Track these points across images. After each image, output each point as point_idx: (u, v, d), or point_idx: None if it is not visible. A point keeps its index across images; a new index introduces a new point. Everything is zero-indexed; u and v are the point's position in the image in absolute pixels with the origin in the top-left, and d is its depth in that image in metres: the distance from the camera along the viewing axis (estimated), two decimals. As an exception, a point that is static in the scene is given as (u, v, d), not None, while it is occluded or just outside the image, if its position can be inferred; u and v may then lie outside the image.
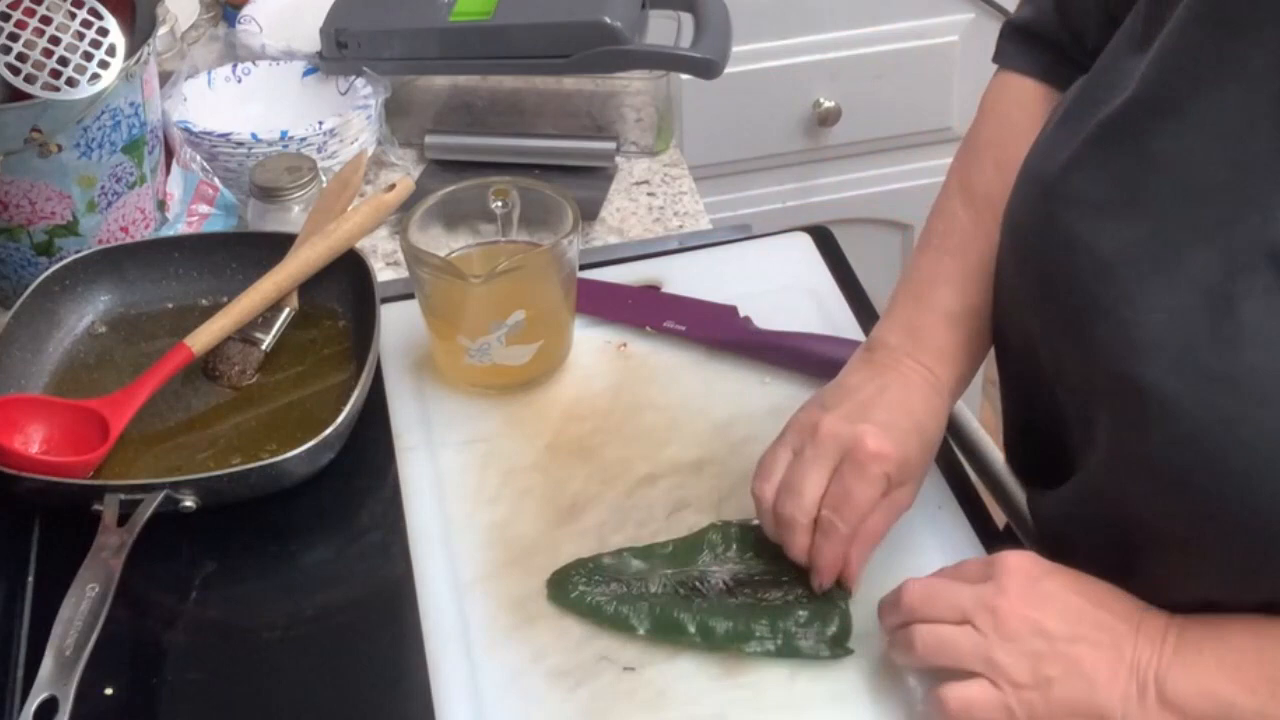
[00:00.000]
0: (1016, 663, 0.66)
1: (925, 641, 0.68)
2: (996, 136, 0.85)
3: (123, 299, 0.99)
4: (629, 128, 1.24)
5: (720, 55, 1.15)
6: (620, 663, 0.76)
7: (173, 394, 0.91)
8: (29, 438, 0.85)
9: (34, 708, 0.67)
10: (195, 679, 0.77)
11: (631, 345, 0.98)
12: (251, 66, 1.23)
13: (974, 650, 0.67)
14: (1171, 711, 0.64)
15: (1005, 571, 0.68)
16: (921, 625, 0.69)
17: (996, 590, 0.68)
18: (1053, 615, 0.67)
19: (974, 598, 0.68)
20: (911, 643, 0.69)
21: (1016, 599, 0.67)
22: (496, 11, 1.16)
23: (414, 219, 0.90)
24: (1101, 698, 0.65)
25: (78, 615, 0.72)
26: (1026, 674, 0.66)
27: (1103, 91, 0.71)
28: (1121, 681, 0.65)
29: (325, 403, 0.90)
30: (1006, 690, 0.66)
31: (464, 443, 0.90)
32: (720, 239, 1.09)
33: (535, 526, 0.84)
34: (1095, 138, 0.69)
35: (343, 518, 0.87)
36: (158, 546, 0.80)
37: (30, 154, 0.95)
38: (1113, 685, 0.65)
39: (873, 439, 0.73)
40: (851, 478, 0.73)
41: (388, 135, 1.19)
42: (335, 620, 0.80)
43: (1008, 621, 0.66)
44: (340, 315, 0.98)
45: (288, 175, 1.03)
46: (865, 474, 0.73)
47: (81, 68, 0.94)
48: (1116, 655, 0.66)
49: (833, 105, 1.70)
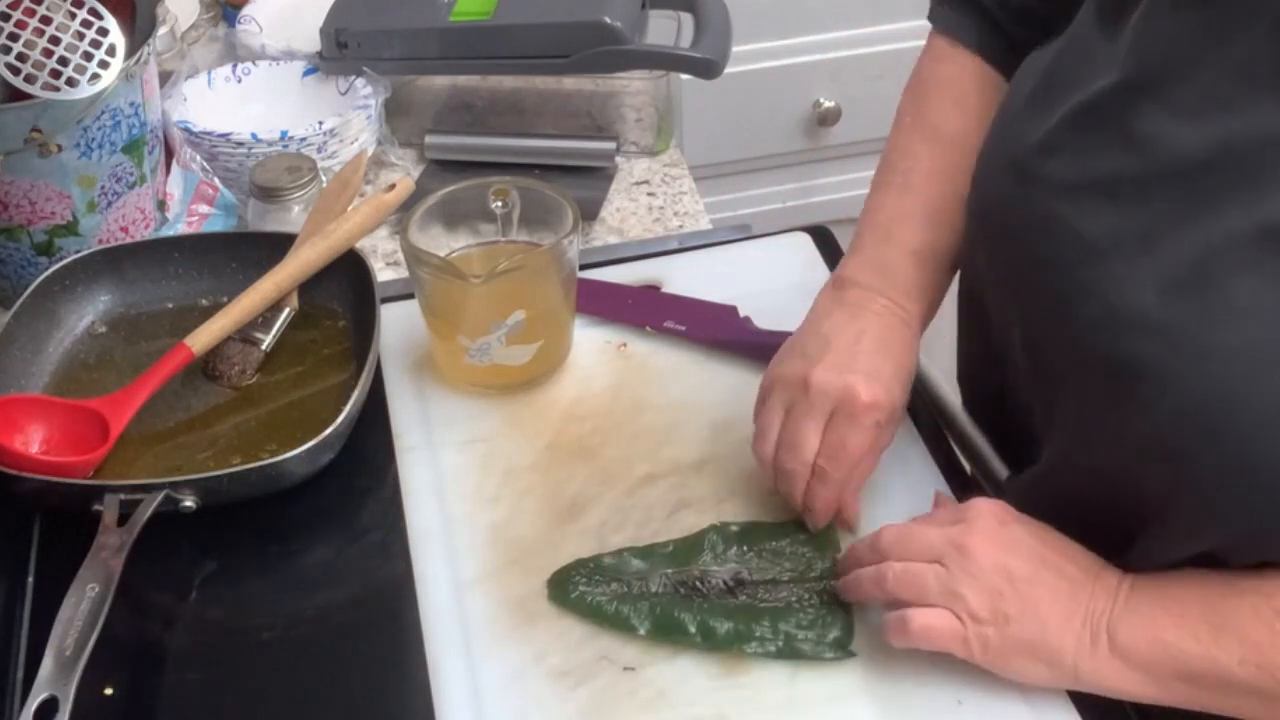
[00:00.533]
0: (978, 598, 0.69)
1: (896, 575, 0.72)
2: (950, 75, 0.86)
3: (123, 299, 0.99)
4: (629, 128, 1.24)
5: (720, 55, 1.15)
6: (620, 663, 0.76)
7: (173, 394, 0.91)
8: (29, 438, 0.85)
9: (34, 708, 0.67)
10: (195, 679, 0.77)
11: (631, 345, 0.98)
12: (251, 66, 1.23)
13: (939, 584, 0.70)
14: (1122, 659, 0.68)
15: (976, 515, 0.72)
16: (895, 562, 0.72)
17: (966, 530, 0.71)
18: (1017, 557, 0.70)
19: (944, 537, 0.71)
20: (884, 577, 0.72)
21: (984, 539, 0.71)
22: (496, 11, 1.16)
23: (414, 219, 0.90)
24: (1054, 639, 0.69)
25: (78, 615, 0.72)
26: (986, 609, 0.69)
27: (1072, 73, 0.71)
28: (1075, 627, 0.69)
29: (325, 403, 0.90)
30: (966, 622, 0.69)
31: (464, 443, 0.90)
32: (720, 239, 1.09)
33: (535, 526, 0.84)
34: (1073, 120, 0.70)
35: (343, 518, 0.87)
36: (158, 546, 0.80)
37: (30, 154, 0.95)
38: (1066, 629, 0.69)
39: (864, 389, 0.75)
40: (846, 428, 0.76)
41: (388, 135, 1.19)
42: (335, 620, 0.80)
43: (974, 559, 0.70)
44: (340, 315, 0.98)
45: (288, 175, 1.03)
46: (859, 424, 0.76)
47: (81, 68, 0.94)
48: (1073, 601, 0.69)
49: (833, 105, 1.70)
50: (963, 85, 0.85)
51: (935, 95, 0.86)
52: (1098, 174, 0.68)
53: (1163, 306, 0.64)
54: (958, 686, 0.73)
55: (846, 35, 1.67)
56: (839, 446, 0.76)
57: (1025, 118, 0.73)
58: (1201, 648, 0.66)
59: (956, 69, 0.86)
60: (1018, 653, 0.70)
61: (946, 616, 0.70)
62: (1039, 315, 0.72)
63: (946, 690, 0.73)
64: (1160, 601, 0.68)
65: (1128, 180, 0.67)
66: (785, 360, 0.80)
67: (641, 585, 0.79)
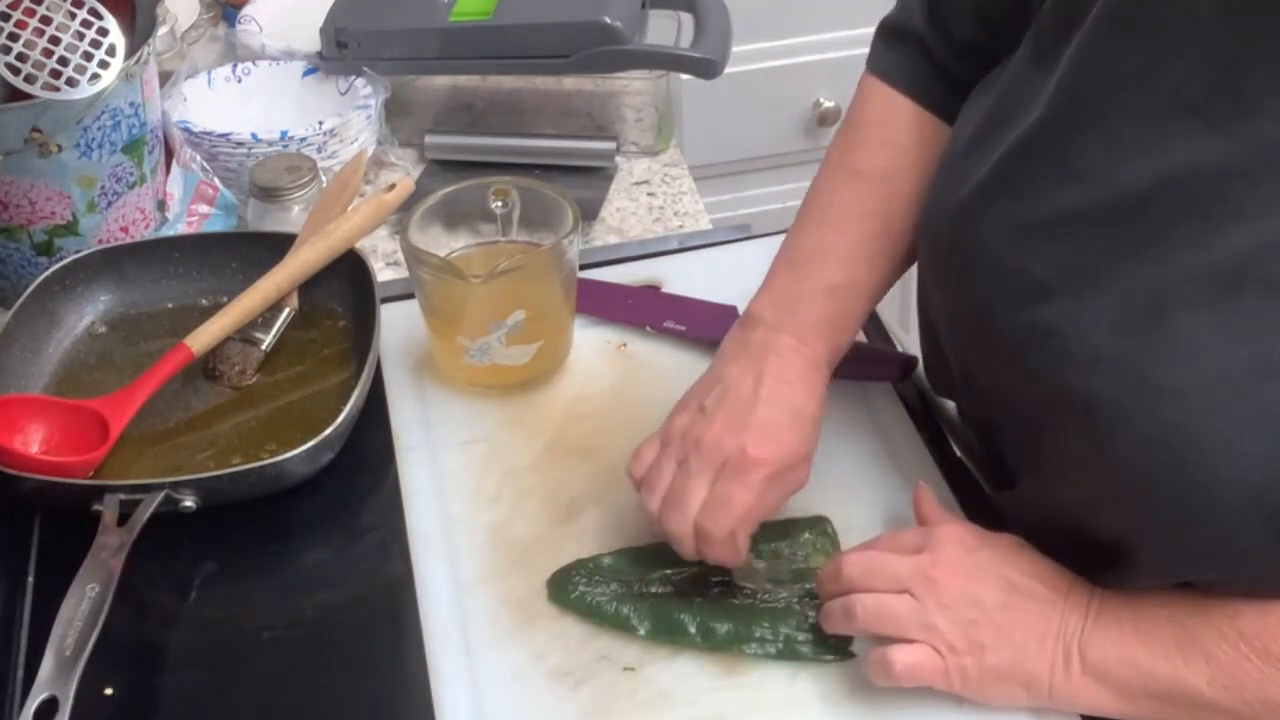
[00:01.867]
0: (952, 629, 0.69)
1: (867, 609, 0.71)
2: (880, 116, 0.85)
3: (123, 299, 0.99)
4: (629, 128, 1.24)
5: (720, 55, 1.15)
6: (620, 663, 0.76)
7: (173, 394, 0.91)
8: (29, 438, 0.85)
9: (34, 708, 0.67)
10: (195, 679, 0.77)
11: (631, 345, 0.98)
12: (251, 66, 1.23)
13: (913, 617, 0.70)
14: (1094, 678, 0.68)
15: (941, 543, 0.72)
16: (864, 594, 0.72)
17: (933, 561, 0.71)
18: (986, 585, 0.70)
19: (912, 568, 0.71)
20: (853, 611, 0.71)
21: (952, 569, 0.70)
22: (496, 11, 1.16)
23: (414, 219, 0.90)
24: (1029, 664, 0.69)
25: (78, 615, 0.72)
26: (961, 640, 0.69)
27: (1013, 109, 0.71)
28: (1050, 648, 0.69)
29: (325, 403, 0.90)
30: (945, 655, 0.69)
31: (464, 443, 0.90)
32: (720, 239, 1.09)
33: (535, 526, 0.84)
34: (1013, 158, 0.69)
35: (343, 518, 0.87)
36: (158, 546, 0.80)
37: (30, 154, 0.95)
38: (1041, 652, 0.69)
39: (754, 447, 0.74)
40: (732, 485, 0.74)
41: (388, 135, 1.19)
42: (335, 620, 0.80)
43: (944, 590, 0.70)
44: (340, 315, 0.98)
45: (288, 175, 1.03)
46: (745, 481, 0.74)
47: (81, 68, 0.94)
48: (1045, 623, 0.69)
49: (833, 105, 1.70)
50: (892, 126, 0.84)
51: (862, 135, 0.85)
52: (1041, 212, 0.67)
53: (1114, 344, 0.63)
54: (958, 686, 0.72)
55: (846, 35, 1.67)
56: (722, 503, 0.74)
57: (967, 158, 0.73)
58: (1170, 667, 0.66)
59: (887, 110, 0.85)
60: (995, 680, 0.69)
61: (926, 651, 0.69)
62: (994, 357, 0.72)
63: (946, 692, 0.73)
64: (1130, 620, 0.68)
65: (1071, 216, 0.66)
66: (682, 413, 0.78)
67: (641, 585, 0.79)
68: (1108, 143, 0.65)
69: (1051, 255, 0.67)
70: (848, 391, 0.92)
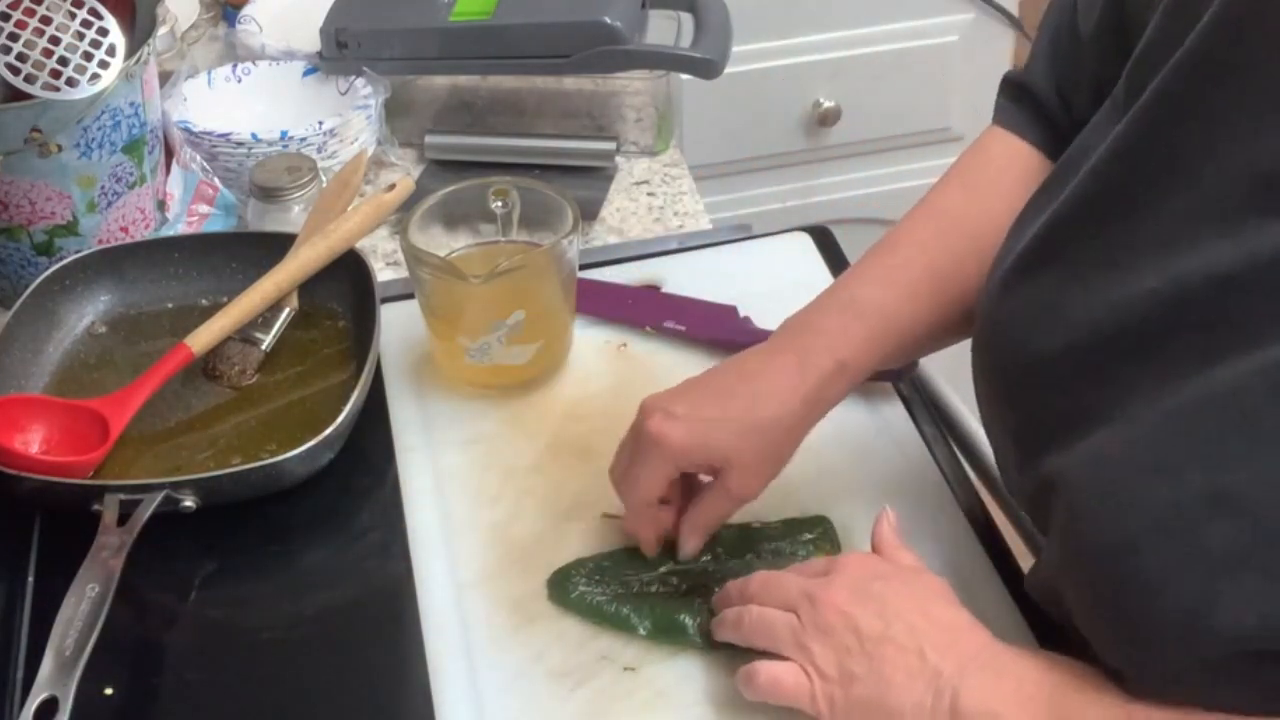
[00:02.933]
0: (825, 654, 0.68)
1: (750, 620, 0.71)
2: (971, 163, 0.83)
3: (123, 299, 0.99)
4: (629, 128, 1.24)
5: (720, 55, 1.15)
6: (620, 663, 0.76)
7: (173, 394, 0.91)
8: (29, 438, 0.85)
9: (34, 708, 0.67)
10: (195, 679, 0.77)
11: (631, 345, 0.98)
12: (251, 66, 1.23)
13: (789, 635, 0.69)
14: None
15: (840, 568, 0.71)
16: (754, 606, 0.72)
17: (825, 584, 0.70)
18: (869, 615, 0.68)
19: (802, 588, 0.70)
20: (740, 620, 0.72)
21: (838, 594, 0.69)
22: (496, 11, 1.16)
23: (414, 219, 0.90)
24: (893, 702, 0.66)
25: (78, 615, 0.72)
26: (833, 667, 0.67)
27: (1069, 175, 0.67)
28: (918, 689, 0.65)
29: (325, 403, 0.90)
30: (814, 678, 0.68)
31: (464, 443, 0.90)
32: (720, 239, 1.09)
33: (535, 526, 0.84)
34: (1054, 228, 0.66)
35: (343, 518, 0.87)
36: (158, 546, 0.80)
37: (30, 154, 0.95)
38: (908, 690, 0.65)
39: (654, 424, 0.75)
40: (635, 460, 0.76)
41: (388, 135, 1.19)
42: (335, 620, 0.80)
43: (825, 614, 0.68)
44: (340, 315, 0.98)
45: (288, 175, 1.03)
46: (645, 458, 0.75)
47: (81, 68, 0.94)
48: (920, 661, 0.66)
49: (833, 105, 1.70)
50: (997, 167, 0.80)
51: (956, 176, 0.83)
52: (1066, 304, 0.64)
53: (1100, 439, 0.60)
54: (957, 686, 0.72)
55: (846, 35, 1.67)
56: (630, 477, 0.77)
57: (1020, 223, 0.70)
58: None
59: (1005, 151, 0.81)
60: (861, 713, 0.66)
61: (794, 671, 0.68)
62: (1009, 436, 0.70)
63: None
64: (1013, 676, 0.65)
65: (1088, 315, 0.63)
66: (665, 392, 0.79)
67: (641, 585, 0.79)
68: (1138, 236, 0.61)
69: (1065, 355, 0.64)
70: (848, 391, 0.92)
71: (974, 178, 0.82)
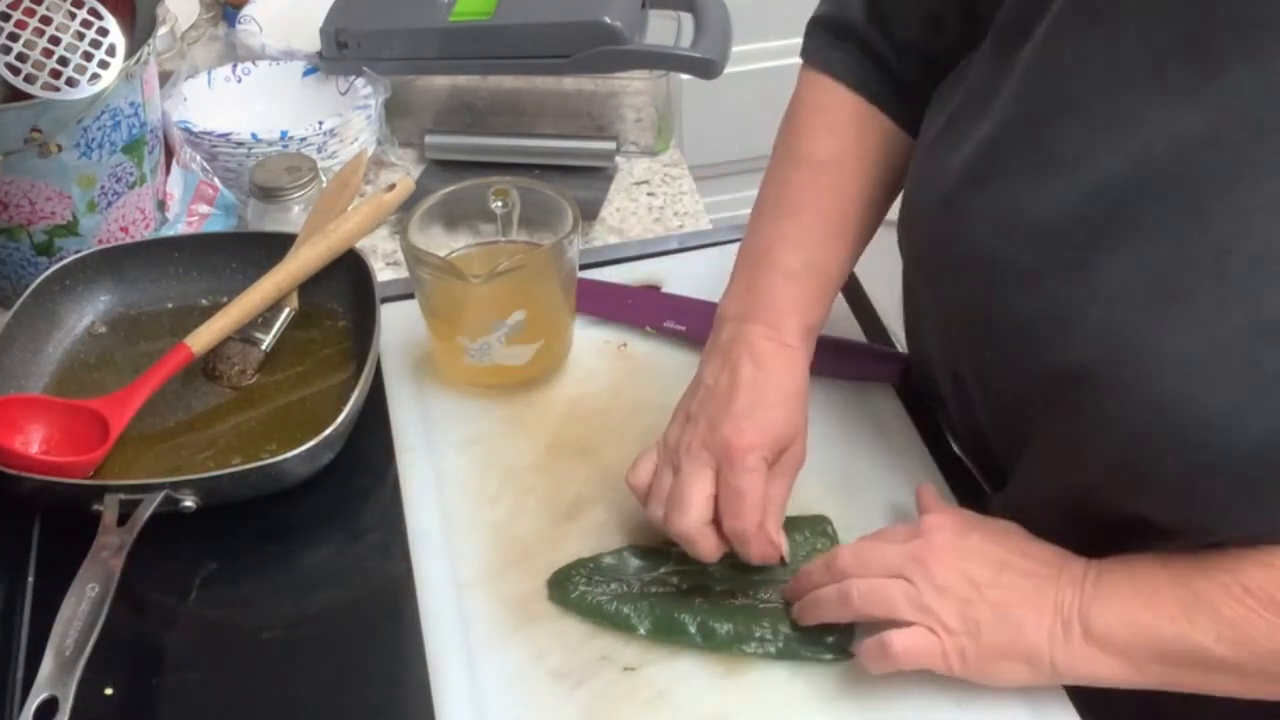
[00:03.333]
0: (948, 609, 0.70)
1: (862, 593, 0.72)
2: (822, 104, 0.85)
3: (123, 299, 0.99)
4: (629, 128, 1.24)
5: (720, 55, 1.15)
6: (620, 663, 0.76)
7: (173, 394, 0.91)
8: (29, 438, 0.85)
9: (34, 708, 0.67)
10: (195, 679, 0.77)
11: (631, 345, 0.98)
12: (251, 66, 1.23)
13: (908, 600, 0.70)
14: (1098, 645, 0.68)
15: (932, 529, 0.73)
16: (858, 579, 0.72)
17: (925, 545, 0.72)
18: (978, 565, 0.71)
19: (904, 553, 0.72)
20: (849, 595, 0.72)
21: (944, 551, 0.71)
22: (496, 11, 1.16)
23: (414, 219, 0.90)
24: (1028, 638, 0.69)
25: (78, 615, 0.72)
26: (958, 620, 0.69)
27: (982, 104, 0.71)
28: (1047, 621, 0.69)
29: (325, 403, 0.90)
30: (942, 635, 0.70)
31: (464, 443, 0.90)
32: (720, 239, 1.08)
33: (535, 526, 0.84)
34: (987, 153, 0.70)
35: (343, 518, 0.87)
36: (158, 546, 0.80)
37: (30, 154, 0.95)
38: (1039, 626, 0.69)
39: (737, 436, 0.75)
40: (735, 477, 0.75)
41: (388, 135, 1.19)
42: (335, 620, 0.80)
43: (937, 572, 0.70)
44: (340, 315, 0.98)
45: (288, 175, 1.03)
46: (745, 468, 0.75)
47: (81, 68, 0.94)
48: (1040, 598, 0.69)
49: (833, 105, 1.69)
50: (835, 114, 0.84)
51: (806, 124, 0.86)
52: (1023, 204, 0.68)
53: (1113, 318, 0.64)
54: (957, 688, 0.72)
55: (846, 35, 1.67)
56: (736, 497, 0.74)
57: (940, 157, 0.73)
58: (1177, 627, 0.66)
59: (829, 99, 0.85)
60: (996, 658, 0.70)
61: (923, 633, 0.70)
62: (987, 349, 0.72)
63: (946, 692, 0.73)
64: (1130, 585, 0.68)
65: (1055, 204, 0.66)
66: (673, 425, 0.79)
67: (641, 585, 0.79)
68: (1082, 129, 0.66)
69: (1038, 244, 0.67)
70: (847, 391, 0.92)
71: (832, 121, 0.85)
